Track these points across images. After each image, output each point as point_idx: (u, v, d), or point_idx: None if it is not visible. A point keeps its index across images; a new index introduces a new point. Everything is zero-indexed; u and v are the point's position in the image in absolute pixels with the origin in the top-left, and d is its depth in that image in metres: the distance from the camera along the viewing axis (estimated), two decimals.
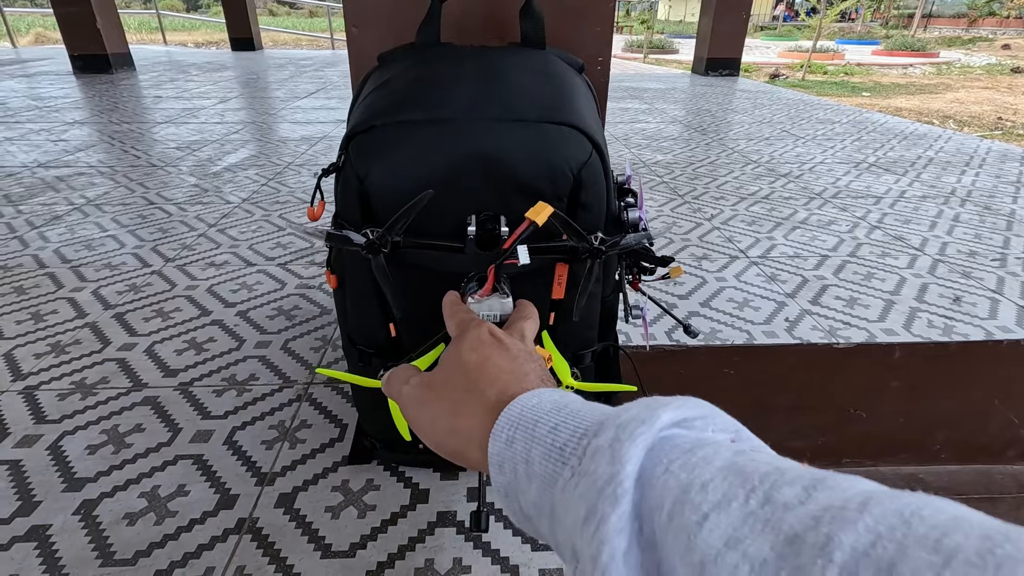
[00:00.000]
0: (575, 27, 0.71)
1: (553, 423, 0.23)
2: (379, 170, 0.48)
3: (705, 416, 0.21)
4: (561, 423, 0.22)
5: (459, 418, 0.28)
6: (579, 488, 0.19)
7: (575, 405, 0.24)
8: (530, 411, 0.24)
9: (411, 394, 0.32)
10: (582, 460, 0.20)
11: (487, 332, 0.33)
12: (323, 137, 2.41)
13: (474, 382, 0.29)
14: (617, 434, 0.19)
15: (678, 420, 0.20)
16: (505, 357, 0.31)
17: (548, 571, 0.59)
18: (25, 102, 3.10)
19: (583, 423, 0.22)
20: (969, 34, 17.36)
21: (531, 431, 0.23)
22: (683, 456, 0.18)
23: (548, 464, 0.22)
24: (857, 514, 0.14)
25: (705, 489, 0.17)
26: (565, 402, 0.24)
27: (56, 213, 1.52)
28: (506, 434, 0.24)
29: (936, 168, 2.09)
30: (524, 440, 0.23)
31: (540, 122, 0.49)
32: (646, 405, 0.21)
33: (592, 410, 0.23)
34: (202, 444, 0.74)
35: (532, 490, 0.22)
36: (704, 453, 0.18)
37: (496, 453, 0.24)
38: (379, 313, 0.55)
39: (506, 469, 0.24)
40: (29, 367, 0.88)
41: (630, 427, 0.19)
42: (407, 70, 0.57)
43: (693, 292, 1.16)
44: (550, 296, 0.55)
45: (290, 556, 0.60)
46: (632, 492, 0.18)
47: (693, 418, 0.21)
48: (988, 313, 1.09)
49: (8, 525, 0.62)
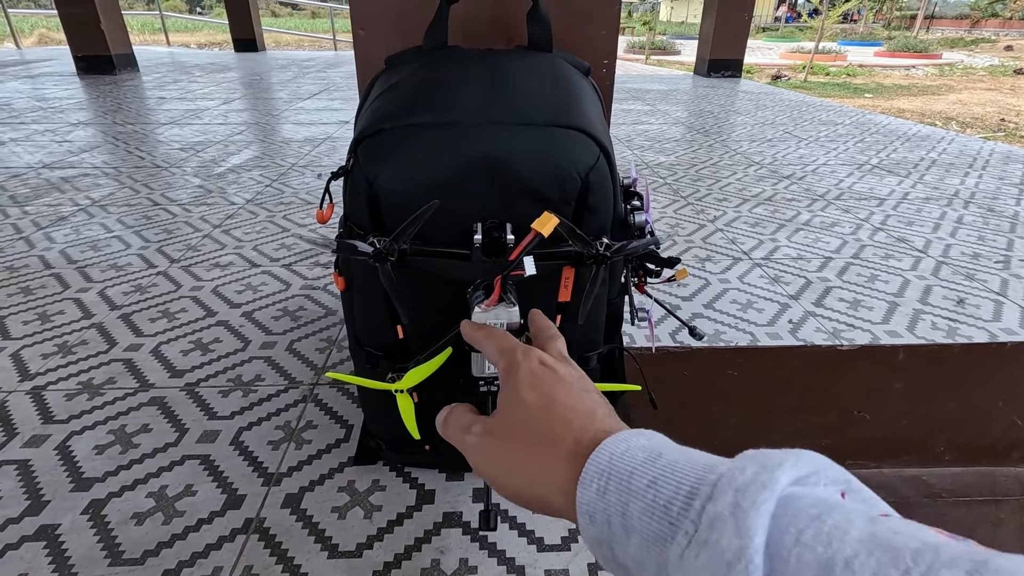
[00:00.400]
0: (581, 30, 0.71)
1: (651, 476, 0.22)
2: (387, 173, 0.49)
3: (817, 471, 0.21)
4: (659, 477, 0.22)
5: (535, 467, 0.27)
6: (700, 559, 0.19)
7: (669, 455, 0.23)
8: (620, 460, 0.24)
9: (477, 444, 0.32)
10: (698, 527, 0.19)
11: (538, 363, 0.32)
12: (326, 138, 2.42)
13: (544, 427, 0.28)
14: (737, 500, 0.19)
15: (794, 479, 0.20)
16: (566, 391, 0.30)
17: (554, 572, 0.59)
18: (30, 103, 3.11)
19: (686, 479, 0.21)
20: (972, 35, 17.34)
21: (626, 483, 0.23)
22: (812, 524, 0.18)
23: (651, 521, 0.21)
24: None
25: (850, 568, 0.16)
26: (657, 451, 0.24)
27: (62, 214, 1.53)
28: (596, 484, 0.24)
29: (939, 170, 2.09)
30: (618, 492, 0.23)
31: (547, 126, 0.50)
32: (761, 464, 0.20)
33: (690, 461, 0.22)
34: (209, 444, 0.74)
35: (631, 545, 0.22)
36: (835, 521, 0.18)
37: (586, 503, 0.24)
38: (386, 316, 0.56)
39: (598, 520, 0.23)
40: (36, 367, 0.89)
41: (750, 493, 0.19)
42: (414, 73, 0.57)
43: (697, 294, 1.16)
44: (556, 299, 0.55)
45: (297, 556, 0.60)
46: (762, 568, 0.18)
47: (807, 475, 0.20)
48: (992, 315, 1.09)
49: (18, 524, 0.62)
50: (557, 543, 0.62)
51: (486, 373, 0.52)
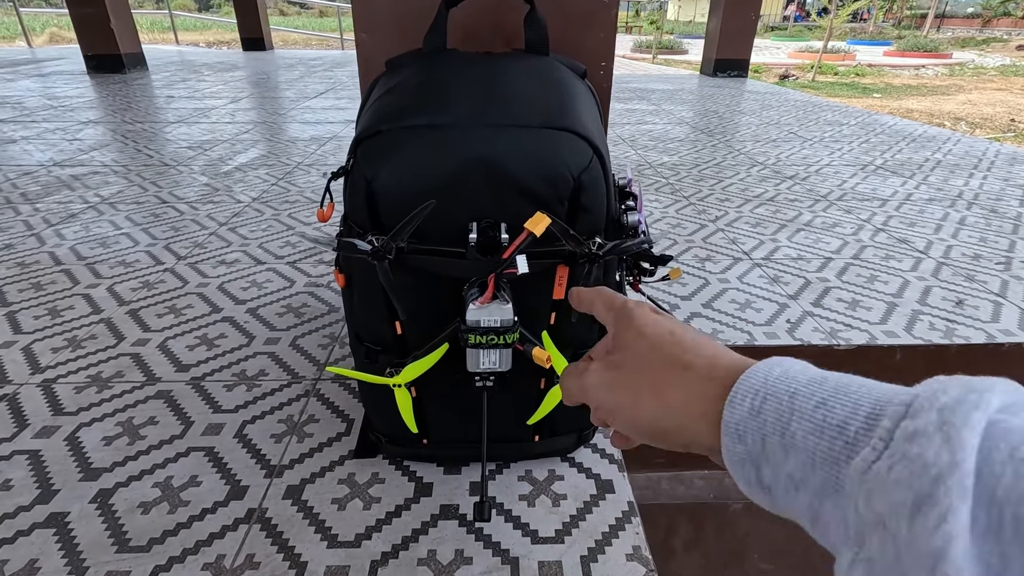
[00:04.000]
0: (579, 33, 0.73)
1: (819, 398, 0.22)
2: (385, 173, 0.50)
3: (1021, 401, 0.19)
4: (830, 398, 0.22)
5: (668, 392, 0.27)
6: (894, 472, 0.18)
7: (837, 379, 0.23)
8: (779, 381, 0.23)
9: (599, 382, 0.30)
10: (888, 444, 0.19)
11: (651, 310, 0.32)
12: (332, 137, 2.44)
13: (676, 354, 0.28)
14: (944, 418, 0.18)
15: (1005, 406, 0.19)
16: (686, 328, 0.30)
17: (547, 563, 0.61)
18: (41, 101, 3.15)
19: (862, 400, 0.21)
20: (983, 35, 17.17)
21: (788, 403, 0.22)
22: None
23: (820, 440, 0.21)
24: None
25: None
26: (822, 376, 0.23)
27: (72, 211, 1.55)
28: (749, 403, 0.23)
29: (943, 171, 2.08)
30: (777, 411, 0.23)
31: (541, 127, 0.51)
32: (967, 387, 0.19)
33: (863, 385, 0.22)
34: (213, 437, 0.76)
35: (789, 463, 0.22)
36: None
37: (736, 422, 0.23)
38: (385, 312, 0.57)
39: (748, 440, 0.23)
40: (47, 361, 0.91)
41: (960, 411, 0.18)
42: (413, 76, 0.59)
43: (696, 293, 1.17)
44: (551, 297, 0.56)
45: (298, 545, 0.62)
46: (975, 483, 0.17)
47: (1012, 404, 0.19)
48: (991, 316, 1.10)
49: (29, 512, 0.65)
50: (551, 535, 0.64)
51: (481, 368, 0.54)
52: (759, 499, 0.24)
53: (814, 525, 0.21)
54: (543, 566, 0.60)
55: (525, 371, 0.57)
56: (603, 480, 0.71)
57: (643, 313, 0.31)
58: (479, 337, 0.51)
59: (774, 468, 0.22)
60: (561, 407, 0.64)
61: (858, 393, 0.21)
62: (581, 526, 0.65)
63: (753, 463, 0.23)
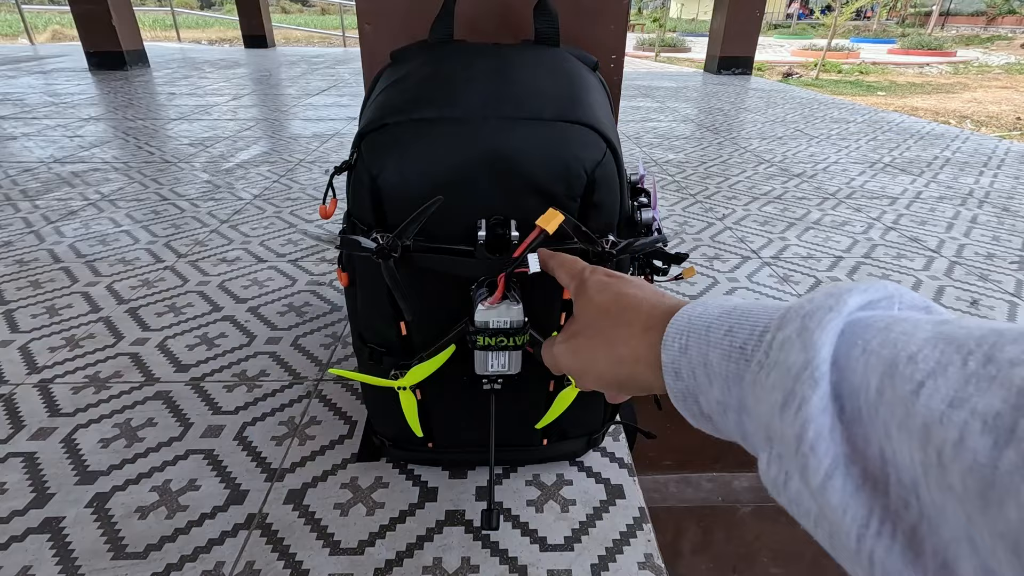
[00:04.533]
0: (589, 25, 0.71)
1: (727, 326, 0.24)
2: (391, 168, 0.48)
3: (891, 296, 0.21)
4: (735, 325, 0.24)
5: (617, 347, 0.30)
6: (771, 378, 0.20)
7: (744, 306, 0.24)
8: (698, 319, 0.25)
9: (563, 350, 0.34)
10: (768, 353, 0.21)
11: (603, 274, 0.35)
12: (334, 134, 2.42)
13: (618, 314, 0.31)
14: (804, 323, 0.20)
15: (864, 303, 0.20)
16: (632, 286, 0.33)
17: (556, 572, 0.59)
18: (42, 98, 3.13)
19: (759, 321, 0.23)
20: (988, 32, 17.10)
21: (704, 336, 0.24)
22: (880, 335, 0.18)
23: (729, 364, 0.23)
24: None
25: (914, 360, 0.16)
26: (732, 305, 0.25)
27: (71, 208, 1.54)
28: (678, 343, 0.25)
29: (953, 169, 2.06)
30: (698, 345, 0.25)
31: (554, 120, 0.49)
32: (828, 293, 0.20)
33: (763, 308, 0.24)
34: (213, 439, 0.74)
35: (714, 390, 0.24)
36: (903, 328, 0.18)
37: (670, 361, 0.26)
38: (390, 312, 0.55)
39: (683, 375, 0.25)
40: (44, 360, 0.89)
41: (817, 315, 0.20)
42: (420, 68, 0.57)
43: (705, 292, 1.15)
44: (561, 296, 0.54)
45: (299, 552, 0.60)
46: (829, 374, 0.18)
47: (879, 299, 0.21)
48: (1006, 316, 1.08)
49: (23, 516, 0.63)
50: (560, 543, 0.62)
51: (489, 371, 0.52)
52: (707, 428, 0.26)
53: (744, 440, 0.23)
54: (552, 574, 0.58)
55: (534, 373, 0.55)
56: (613, 485, 0.69)
57: (596, 280, 0.35)
58: (488, 339, 0.49)
59: (706, 396, 0.24)
60: (570, 411, 0.62)
61: (757, 315, 0.23)
62: (591, 533, 0.63)
63: (692, 396, 0.25)
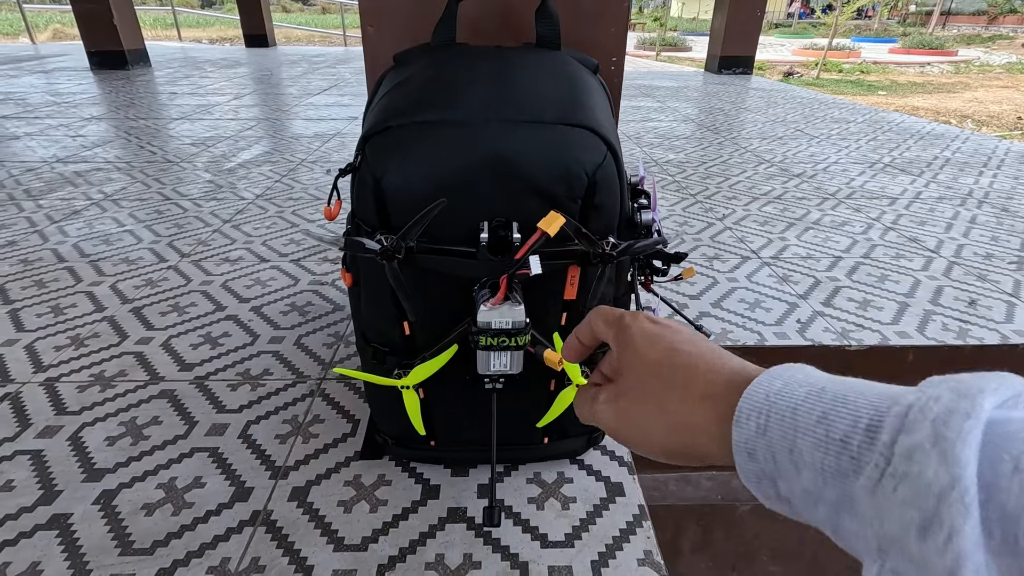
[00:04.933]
0: (590, 28, 0.71)
1: (819, 411, 0.22)
2: (394, 170, 0.49)
3: (1020, 393, 0.19)
4: (829, 411, 0.21)
5: (672, 415, 0.28)
6: (900, 492, 0.18)
7: (835, 388, 0.22)
8: (778, 397, 0.23)
9: (607, 410, 0.31)
10: (891, 461, 0.19)
11: (648, 322, 0.31)
12: (336, 134, 2.43)
13: (671, 375, 0.28)
14: (937, 430, 0.18)
15: (1002, 401, 0.18)
16: (683, 340, 0.30)
17: (557, 568, 0.59)
18: (44, 98, 3.14)
19: (860, 411, 0.21)
20: (989, 32, 17.08)
21: (791, 420, 0.22)
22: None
23: (827, 457, 0.21)
24: None
25: None
26: (820, 385, 0.23)
27: (75, 208, 1.55)
28: (755, 422, 0.23)
29: (953, 169, 2.06)
30: (781, 428, 0.23)
31: (555, 123, 0.50)
32: (957, 392, 0.19)
33: (860, 393, 0.21)
34: (217, 437, 0.75)
35: (802, 479, 0.22)
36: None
37: (744, 441, 0.24)
38: (393, 312, 0.56)
39: (759, 457, 0.23)
40: (50, 359, 0.90)
41: (953, 423, 0.18)
42: (422, 70, 0.58)
43: (704, 292, 1.16)
44: (562, 297, 0.55)
45: (303, 548, 0.61)
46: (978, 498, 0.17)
47: (1008, 399, 0.19)
48: (1004, 316, 1.08)
49: (31, 513, 0.64)
50: (561, 539, 0.62)
51: (491, 371, 0.53)
52: (782, 511, 0.24)
53: (836, 536, 0.22)
54: (553, 571, 0.59)
55: (535, 373, 0.56)
56: (613, 483, 0.70)
57: (641, 330, 0.31)
58: (490, 339, 0.49)
59: (789, 483, 0.22)
60: (571, 410, 0.63)
61: (856, 403, 0.21)
62: (591, 530, 0.64)
63: (769, 479, 0.23)
